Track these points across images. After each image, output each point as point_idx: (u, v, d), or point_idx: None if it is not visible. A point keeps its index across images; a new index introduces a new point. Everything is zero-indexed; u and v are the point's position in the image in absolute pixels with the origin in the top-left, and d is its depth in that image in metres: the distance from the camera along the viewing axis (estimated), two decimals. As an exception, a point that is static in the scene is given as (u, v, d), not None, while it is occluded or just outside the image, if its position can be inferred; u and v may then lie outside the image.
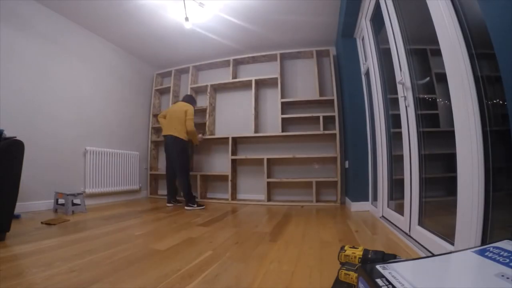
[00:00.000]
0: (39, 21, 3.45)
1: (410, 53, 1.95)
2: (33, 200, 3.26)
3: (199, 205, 3.78)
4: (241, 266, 1.45)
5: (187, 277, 1.29)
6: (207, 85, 4.87)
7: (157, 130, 5.44)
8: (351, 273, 1.03)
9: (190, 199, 3.76)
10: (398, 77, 2.06)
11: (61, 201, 3.30)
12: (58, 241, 1.96)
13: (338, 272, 1.07)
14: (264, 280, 1.27)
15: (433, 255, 0.79)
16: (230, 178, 4.46)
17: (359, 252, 1.18)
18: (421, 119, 1.84)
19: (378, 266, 0.69)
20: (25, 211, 3.10)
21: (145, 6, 3.54)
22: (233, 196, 4.50)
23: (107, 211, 3.44)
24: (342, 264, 1.13)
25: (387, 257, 1.12)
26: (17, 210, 2.26)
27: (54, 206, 3.34)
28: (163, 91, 5.54)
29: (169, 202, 4.01)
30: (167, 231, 2.34)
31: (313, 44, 4.50)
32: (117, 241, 1.99)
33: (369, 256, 1.16)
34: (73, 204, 3.22)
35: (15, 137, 2.16)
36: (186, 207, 3.72)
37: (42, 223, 2.57)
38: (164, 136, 3.98)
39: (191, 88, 4.99)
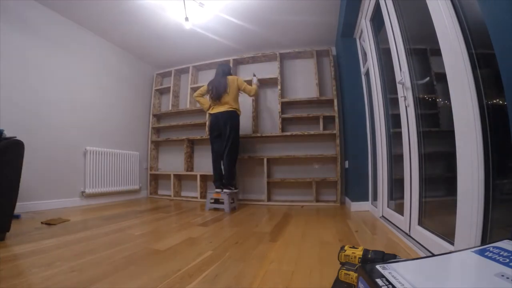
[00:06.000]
0: (39, 22, 3.45)
1: (410, 53, 1.95)
2: (33, 200, 3.26)
3: (235, 188, 3.80)
4: (241, 266, 1.45)
5: (187, 277, 1.29)
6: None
7: (157, 130, 5.45)
8: (351, 273, 1.03)
9: (234, 182, 3.76)
10: (398, 77, 2.06)
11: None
12: (58, 241, 1.95)
13: (338, 272, 1.07)
14: (264, 280, 1.27)
15: (433, 255, 0.79)
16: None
17: (359, 252, 1.18)
18: (421, 119, 1.84)
19: (378, 266, 0.69)
20: (25, 211, 3.10)
21: (145, 6, 3.54)
22: (233, 196, 4.49)
23: (107, 211, 3.44)
24: (342, 264, 1.14)
25: (387, 257, 1.11)
26: (17, 210, 2.26)
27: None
28: (163, 91, 5.54)
29: (219, 188, 3.64)
30: (167, 231, 2.34)
31: (313, 44, 4.50)
32: (117, 241, 1.99)
33: (369, 256, 1.15)
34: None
35: (15, 137, 2.15)
36: (226, 190, 3.57)
37: (42, 223, 2.57)
38: (213, 113, 3.69)
39: (191, 88, 4.99)
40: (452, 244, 1.31)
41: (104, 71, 4.47)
